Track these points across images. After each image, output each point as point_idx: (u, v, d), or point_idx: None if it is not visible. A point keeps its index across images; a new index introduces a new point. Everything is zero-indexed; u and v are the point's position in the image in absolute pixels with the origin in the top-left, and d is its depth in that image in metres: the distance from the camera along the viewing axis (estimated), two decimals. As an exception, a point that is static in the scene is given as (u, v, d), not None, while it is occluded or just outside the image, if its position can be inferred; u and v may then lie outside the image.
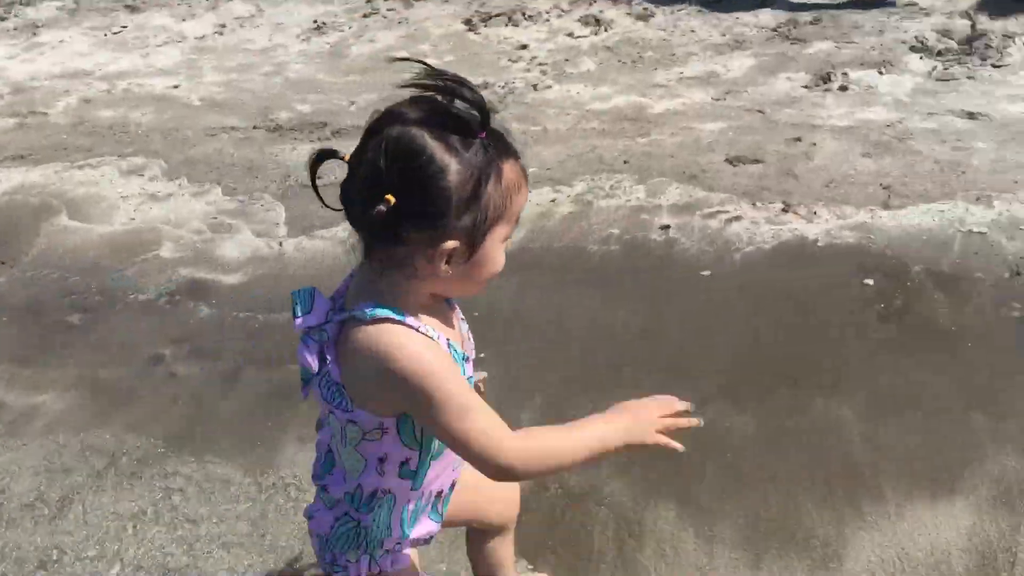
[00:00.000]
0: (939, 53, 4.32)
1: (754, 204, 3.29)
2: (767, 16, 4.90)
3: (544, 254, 3.14)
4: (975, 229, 3.07)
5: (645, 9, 5.01)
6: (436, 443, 1.34)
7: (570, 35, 4.84)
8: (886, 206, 3.24)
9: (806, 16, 4.85)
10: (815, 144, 3.71)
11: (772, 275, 2.91)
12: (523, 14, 5.06)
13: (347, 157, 1.23)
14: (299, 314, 1.27)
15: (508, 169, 1.24)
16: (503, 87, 4.37)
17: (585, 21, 4.94)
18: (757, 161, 3.57)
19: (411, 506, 1.42)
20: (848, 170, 3.50)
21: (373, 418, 1.28)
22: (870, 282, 2.81)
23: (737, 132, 3.81)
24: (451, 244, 1.22)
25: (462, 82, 1.19)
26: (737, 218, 3.23)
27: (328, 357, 1.27)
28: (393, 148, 1.18)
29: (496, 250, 1.27)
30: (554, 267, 3.06)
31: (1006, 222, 3.09)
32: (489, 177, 1.22)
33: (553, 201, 3.42)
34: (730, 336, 2.66)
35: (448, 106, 1.19)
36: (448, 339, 1.30)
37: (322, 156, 1.26)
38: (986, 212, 3.16)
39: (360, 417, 1.28)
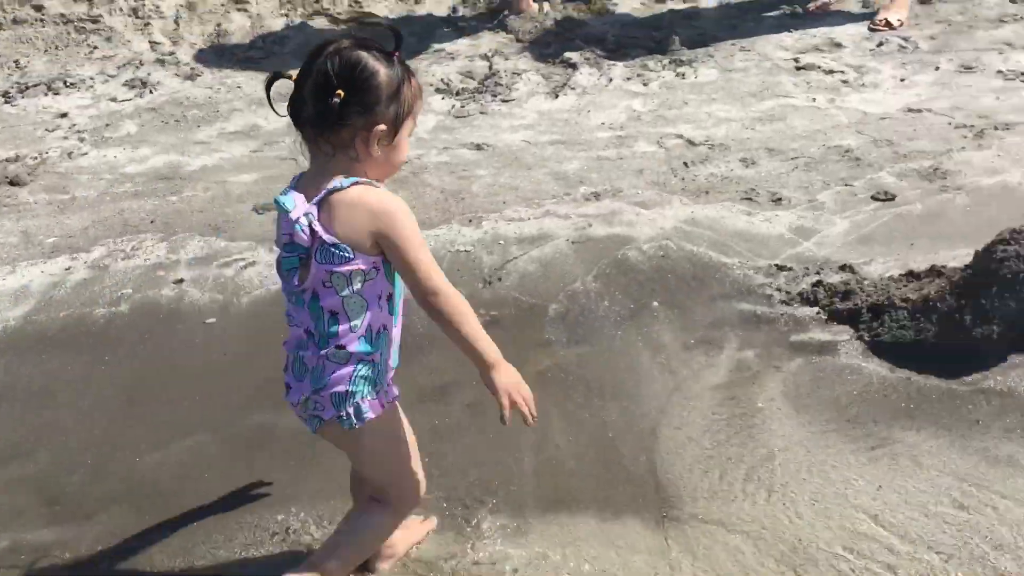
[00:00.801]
0: (458, 93, 4.80)
1: (271, 248, 3.45)
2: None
3: (48, 324, 3.09)
4: (462, 248, 3.45)
5: (193, 69, 5.08)
6: (399, 286, 1.87)
7: (114, 99, 4.79)
8: (392, 236, 3.55)
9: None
10: (340, 185, 3.97)
11: (276, 313, 3.08)
12: (65, 82, 4.93)
13: (294, 76, 1.78)
14: (290, 209, 1.76)
15: (413, 80, 1.81)
16: (35, 158, 4.23)
17: (131, 84, 4.91)
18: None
19: (394, 341, 1.93)
20: (365, 207, 3.79)
21: (369, 259, 1.79)
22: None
23: (268, 181, 3.98)
24: (381, 127, 1.77)
25: (377, 21, 1.88)
26: (252, 263, 3.38)
27: (318, 230, 1.76)
28: (337, 60, 1.74)
29: (405, 140, 1.82)
30: (56, 337, 3.03)
31: (489, 239, 3.50)
32: (404, 81, 1.79)
33: (68, 269, 3.37)
34: (227, 379, 2.79)
35: (369, 36, 1.77)
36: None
37: (274, 77, 1.83)
38: (474, 232, 3.55)
39: (360, 262, 1.78)
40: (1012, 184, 3.67)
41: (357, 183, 1.77)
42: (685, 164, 4.02)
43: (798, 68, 4.90)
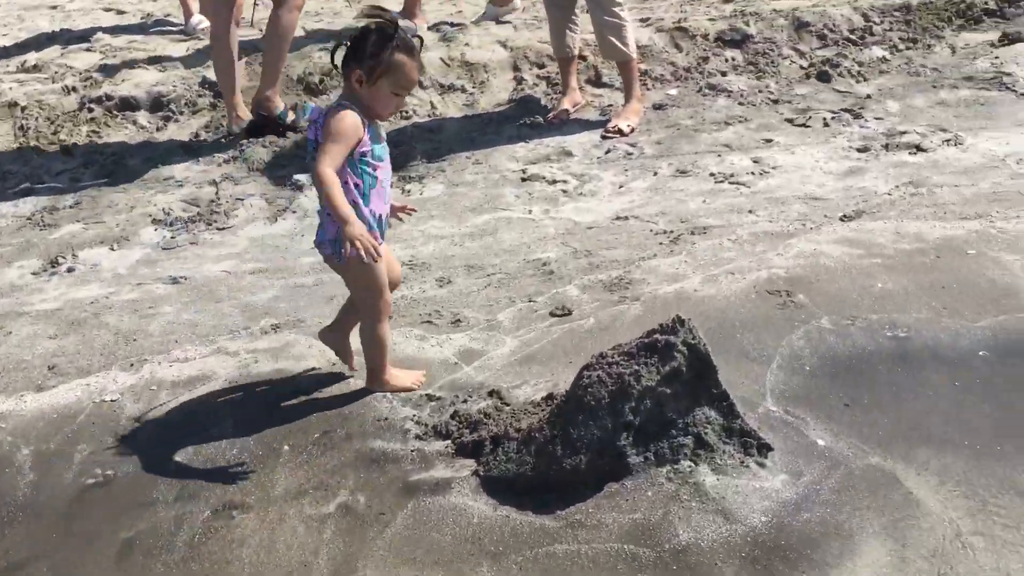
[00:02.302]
0: (171, 224, 4.65)
1: None
2: (27, 204, 4.96)
3: None
4: (109, 397, 3.25)
5: None
6: (369, 179, 2.81)
7: None
8: (40, 388, 3.33)
9: (67, 200, 4.99)
10: (10, 332, 3.75)
11: None
12: None
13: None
14: (307, 114, 3.11)
15: (400, 55, 2.72)
16: None
17: None
18: (-67, 362, 3.49)
19: (368, 215, 2.83)
20: (25, 355, 3.57)
21: None
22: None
23: None
24: (358, 73, 2.73)
25: (392, 18, 2.75)
26: None
27: (316, 130, 2.75)
28: (357, 34, 2.76)
29: (384, 92, 2.75)
30: None
31: (142, 385, 3.30)
32: (386, 50, 2.70)
33: None
34: None
35: (389, 21, 2.76)
36: (369, 123, 2.78)
37: (338, 46, 2.83)
38: (129, 378, 3.35)
39: None
40: (688, 291, 3.69)
41: (342, 104, 2.75)
42: (380, 288, 3.94)
43: (523, 179, 4.94)
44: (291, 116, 5.56)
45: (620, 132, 5.40)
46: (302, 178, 5.00)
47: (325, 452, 2.87)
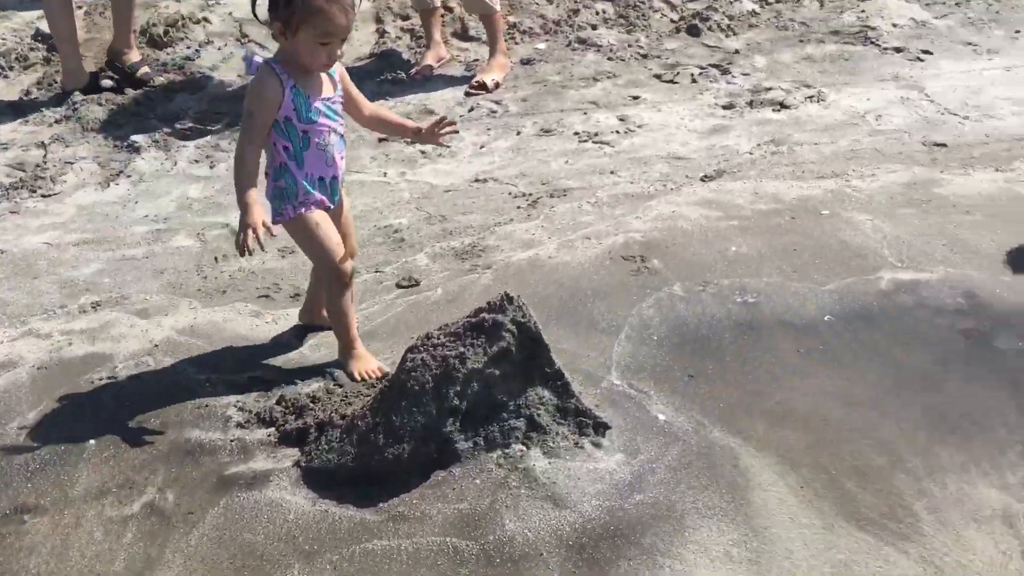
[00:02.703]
0: (-4, 189, 4.25)
1: None
2: None
3: None
4: None
5: None
6: (298, 142, 2.67)
7: None
8: None
9: None
10: None
11: None
12: None
13: None
14: (252, 71, 2.65)
15: (321, 2, 2.49)
16: None
17: None
18: None
19: (302, 179, 2.71)
20: None
21: None
22: None
23: None
24: (278, 25, 2.55)
25: None
26: None
27: None
28: None
29: (309, 44, 2.54)
30: None
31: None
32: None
33: None
34: None
35: None
36: (295, 84, 2.61)
37: None
38: (-77, 366, 3.04)
39: None
40: (543, 258, 3.55)
41: (266, 64, 2.63)
42: (216, 259, 3.67)
43: (380, 139, 4.70)
44: (144, 70, 5.17)
45: (484, 87, 5.19)
46: (139, 139, 4.65)
47: (135, 445, 2.63)
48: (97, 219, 4.06)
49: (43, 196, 4.24)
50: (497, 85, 5.24)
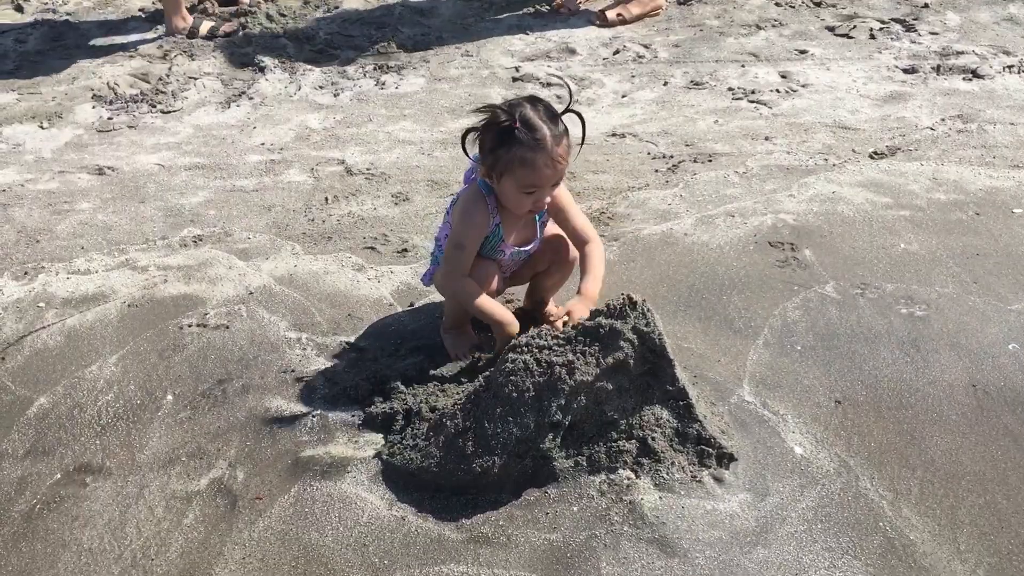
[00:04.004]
0: (111, 102, 4.12)
1: None
2: None
3: None
4: (-11, 313, 2.83)
5: None
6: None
7: None
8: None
9: (7, 64, 4.46)
10: (-94, 220, 3.31)
11: None
12: None
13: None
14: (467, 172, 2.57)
15: (522, 149, 2.26)
16: None
17: None
18: None
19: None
20: (-88, 251, 3.14)
21: None
22: None
23: None
24: (483, 169, 2.37)
25: (511, 108, 2.30)
26: None
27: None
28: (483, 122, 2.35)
29: (511, 190, 2.32)
30: None
31: (31, 299, 2.87)
32: (503, 146, 2.28)
33: None
34: None
35: (529, 105, 2.35)
36: (500, 222, 2.43)
37: (467, 133, 2.40)
38: (20, 289, 2.92)
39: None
40: (677, 234, 3.16)
41: (481, 185, 2.42)
42: (327, 199, 3.43)
43: (514, 79, 4.33)
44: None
45: (604, 20, 4.73)
46: (266, 59, 4.44)
47: (213, 408, 2.44)
48: (212, 142, 3.87)
49: (163, 112, 4.09)
50: (624, 21, 4.76)
